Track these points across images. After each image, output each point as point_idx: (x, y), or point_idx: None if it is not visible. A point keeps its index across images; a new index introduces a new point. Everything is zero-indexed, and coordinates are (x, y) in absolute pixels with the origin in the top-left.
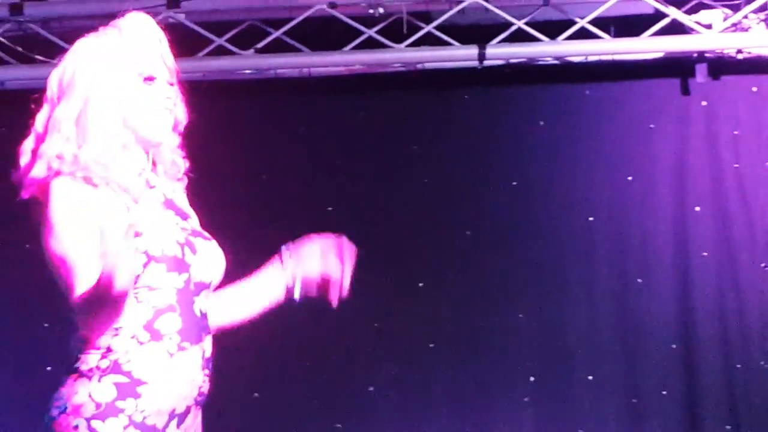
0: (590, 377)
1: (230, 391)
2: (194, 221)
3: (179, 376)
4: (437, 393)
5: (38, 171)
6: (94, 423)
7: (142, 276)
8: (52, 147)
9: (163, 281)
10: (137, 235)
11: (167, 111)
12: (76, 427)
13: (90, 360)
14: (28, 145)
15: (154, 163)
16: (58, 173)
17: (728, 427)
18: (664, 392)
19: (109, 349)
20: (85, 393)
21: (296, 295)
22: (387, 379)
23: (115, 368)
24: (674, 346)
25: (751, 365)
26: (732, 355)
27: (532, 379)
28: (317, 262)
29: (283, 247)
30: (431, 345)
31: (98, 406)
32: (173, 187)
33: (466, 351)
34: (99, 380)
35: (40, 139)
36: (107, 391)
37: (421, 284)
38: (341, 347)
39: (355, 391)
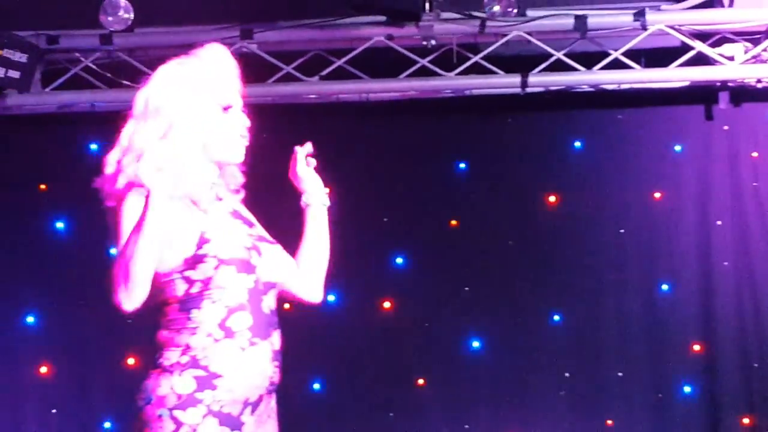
0: (620, 373)
1: (295, 383)
2: (259, 228)
3: (251, 368)
4: (481, 387)
5: (120, 183)
6: (176, 412)
7: (215, 278)
8: (134, 164)
9: (234, 282)
10: (207, 241)
11: (243, 137)
12: (160, 416)
13: (171, 356)
14: (113, 156)
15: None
16: (136, 187)
17: (746, 420)
18: (687, 388)
19: (188, 347)
20: (167, 386)
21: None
22: (435, 375)
23: (194, 363)
24: (696, 346)
25: (766, 364)
26: (749, 355)
27: (567, 374)
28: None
29: (302, 202)
30: (475, 343)
31: (179, 397)
32: (235, 198)
33: (507, 349)
34: (180, 374)
35: (125, 152)
36: (187, 383)
37: (466, 288)
38: (394, 345)
39: (406, 385)
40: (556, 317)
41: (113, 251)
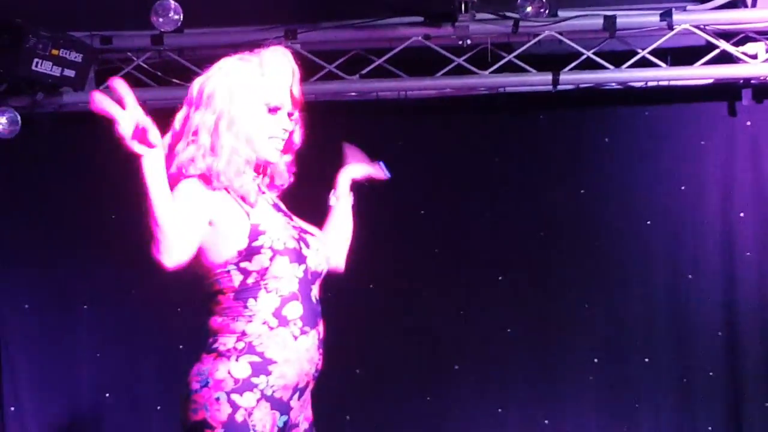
0: (646, 359)
1: (337, 368)
2: (297, 221)
3: (302, 356)
4: (513, 372)
5: (172, 169)
6: (234, 396)
7: (270, 268)
8: (187, 151)
9: (288, 272)
10: (262, 233)
11: (281, 140)
12: (218, 399)
13: (227, 342)
14: (165, 140)
15: (264, 172)
16: (188, 175)
17: (767, 404)
18: (711, 373)
19: (243, 333)
20: (224, 370)
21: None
22: (470, 360)
23: (250, 349)
24: (720, 333)
25: None
26: None
27: (595, 360)
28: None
29: (334, 196)
30: (508, 330)
31: (236, 381)
32: (273, 194)
33: (538, 336)
34: (237, 360)
35: (176, 136)
36: (244, 369)
37: (500, 278)
38: (431, 332)
39: (443, 370)
40: (585, 305)
41: None
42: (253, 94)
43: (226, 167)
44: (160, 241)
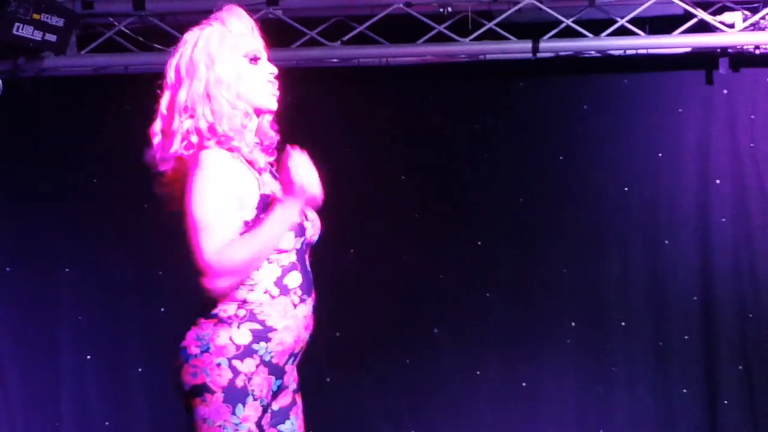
0: (623, 323)
1: (317, 331)
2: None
3: (300, 323)
4: (492, 335)
5: (176, 147)
6: (235, 362)
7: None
8: (185, 124)
9: (290, 244)
10: (271, 204)
11: (272, 83)
12: (219, 364)
13: (228, 309)
14: (157, 126)
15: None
16: (201, 146)
17: (740, 367)
18: (686, 337)
19: (245, 301)
20: (226, 336)
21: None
22: (449, 323)
23: (251, 317)
24: (695, 298)
25: (762, 315)
26: (745, 306)
27: (573, 324)
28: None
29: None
30: (487, 294)
31: (238, 348)
32: (266, 159)
33: (517, 299)
34: (238, 327)
35: (166, 119)
36: (245, 335)
37: (479, 243)
38: (411, 295)
39: (422, 333)
40: (564, 270)
41: (194, 208)
42: (231, 50)
43: (228, 125)
44: (239, 273)
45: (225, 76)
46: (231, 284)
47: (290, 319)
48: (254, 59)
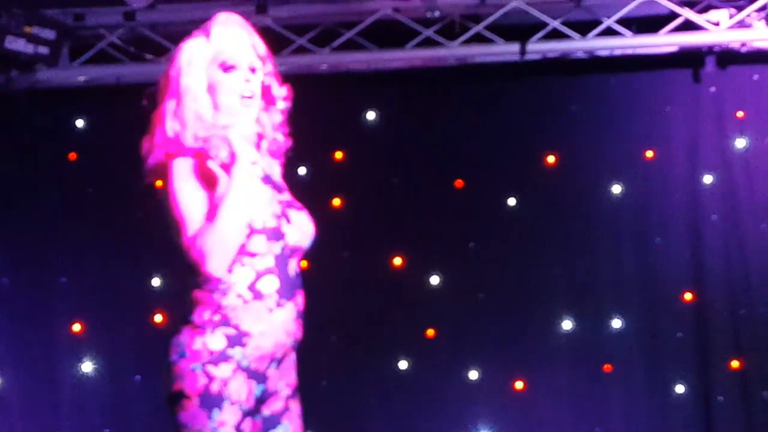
0: (616, 322)
1: (312, 335)
2: (287, 194)
3: (278, 328)
4: (487, 336)
5: (157, 157)
6: (209, 367)
7: (247, 246)
8: (162, 134)
9: (264, 249)
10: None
11: (244, 94)
12: (193, 370)
13: (204, 315)
14: (146, 140)
15: (259, 143)
16: (172, 156)
17: (734, 363)
18: (679, 334)
19: (219, 306)
20: (200, 342)
21: None
22: (444, 325)
23: (225, 322)
24: (687, 295)
25: (753, 310)
26: (737, 302)
27: (566, 324)
28: None
29: None
30: (480, 295)
31: (212, 353)
32: (271, 162)
33: (511, 300)
34: (212, 332)
35: (152, 131)
36: (219, 341)
37: (471, 244)
38: (404, 298)
39: (418, 335)
40: (556, 269)
41: (172, 209)
42: (202, 61)
43: (195, 133)
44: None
45: (192, 86)
46: (220, 264)
47: (266, 324)
48: (228, 68)
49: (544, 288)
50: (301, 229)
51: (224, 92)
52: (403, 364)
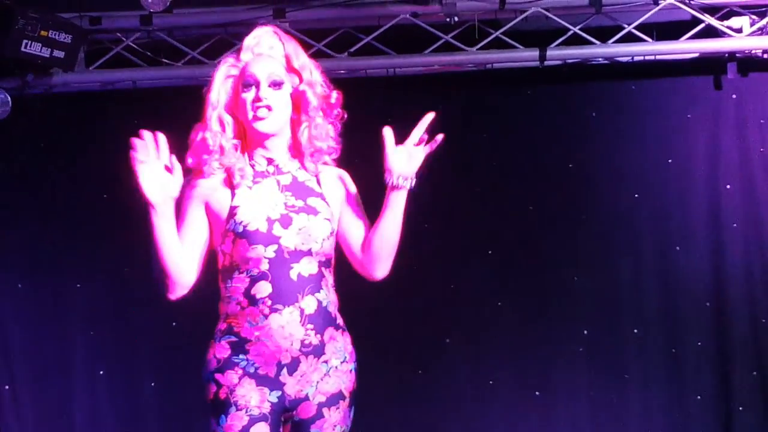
0: (635, 330)
1: None
2: (312, 200)
3: (277, 333)
4: (504, 344)
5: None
6: (217, 375)
7: (237, 250)
8: (198, 142)
9: (252, 253)
10: (233, 216)
11: (258, 108)
12: (208, 379)
13: (218, 325)
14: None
15: (291, 149)
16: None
17: (754, 372)
18: (699, 343)
19: (226, 315)
20: (211, 352)
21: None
22: (461, 333)
23: (229, 330)
24: (708, 303)
25: None
26: (758, 311)
27: (585, 332)
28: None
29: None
30: (498, 303)
31: (219, 361)
32: (309, 167)
33: (529, 308)
34: (219, 341)
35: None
36: (224, 349)
37: (489, 251)
38: (422, 306)
39: (434, 343)
40: (575, 278)
41: None
42: (224, 78)
43: (212, 145)
44: (168, 285)
45: (216, 102)
46: (167, 291)
47: (261, 330)
48: (247, 86)
49: (563, 296)
50: (301, 233)
51: (240, 109)
52: (421, 371)
